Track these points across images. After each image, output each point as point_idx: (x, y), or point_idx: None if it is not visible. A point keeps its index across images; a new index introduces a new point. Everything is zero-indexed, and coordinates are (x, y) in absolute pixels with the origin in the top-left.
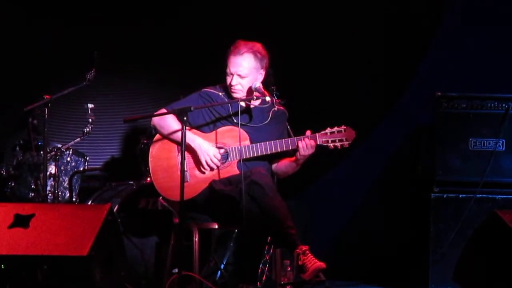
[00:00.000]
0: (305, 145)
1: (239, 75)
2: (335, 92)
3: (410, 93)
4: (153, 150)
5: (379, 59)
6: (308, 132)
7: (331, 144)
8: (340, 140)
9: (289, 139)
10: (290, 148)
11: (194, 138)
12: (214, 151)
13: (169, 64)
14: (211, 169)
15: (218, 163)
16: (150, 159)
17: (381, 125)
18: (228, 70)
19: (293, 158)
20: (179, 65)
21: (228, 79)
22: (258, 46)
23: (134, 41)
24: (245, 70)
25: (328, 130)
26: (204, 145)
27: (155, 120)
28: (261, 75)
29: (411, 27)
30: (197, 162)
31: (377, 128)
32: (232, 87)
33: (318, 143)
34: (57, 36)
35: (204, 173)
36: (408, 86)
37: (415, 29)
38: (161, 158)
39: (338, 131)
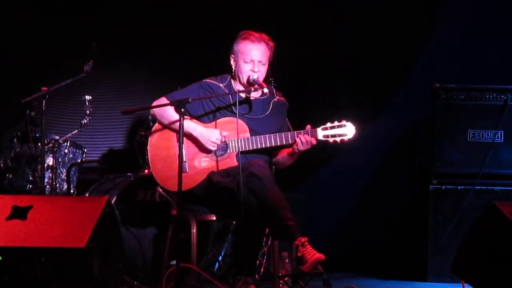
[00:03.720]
0: (304, 140)
1: (260, 62)
2: (334, 86)
3: (408, 85)
4: (152, 139)
5: (378, 52)
6: (308, 127)
7: (331, 139)
8: (340, 135)
9: (288, 133)
10: (290, 142)
11: (195, 127)
12: (216, 135)
13: (168, 55)
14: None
15: (219, 141)
16: (148, 148)
17: (379, 118)
18: (246, 57)
19: (290, 150)
20: (178, 56)
21: (247, 66)
22: (267, 37)
23: (132, 32)
24: (265, 58)
25: (329, 124)
26: (205, 133)
27: (155, 110)
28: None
29: (410, 19)
30: (196, 153)
31: (376, 121)
32: (253, 74)
33: (318, 138)
34: (55, 27)
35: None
36: (407, 78)
37: (414, 21)
38: (160, 148)
39: (338, 126)
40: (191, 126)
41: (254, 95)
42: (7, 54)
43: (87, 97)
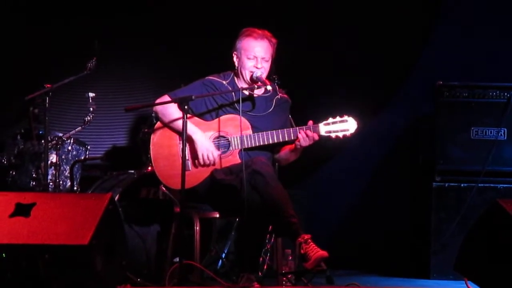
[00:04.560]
0: (305, 136)
1: (263, 58)
2: (336, 83)
3: (411, 82)
4: (155, 137)
5: (380, 48)
6: (310, 123)
7: (333, 134)
8: (342, 130)
9: (291, 129)
10: (292, 138)
11: (195, 131)
12: (213, 149)
13: (170, 52)
14: (206, 166)
15: (213, 162)
16: (151, 147)
17: (382, 115)
18: (249, 54)
19: (293, 147)
20: (180, 53)
21: (250, 63)
22: (269, 33)
23: (135, 29)
24: (268, 55)
25: (331, 120)
26: (205, 143)
27: (158, 108)
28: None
29: (412, 16)
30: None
31: (378, 118)
32: (257, 71)
33: (320, 133)
34: (58, 25)
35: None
36: (410, 76)
37: (416, 18)
38: (162, 146)
39: (340, 121)
40: (192, 129)
41: (257, 92)
42: (11, 52)
43: (91, 94)
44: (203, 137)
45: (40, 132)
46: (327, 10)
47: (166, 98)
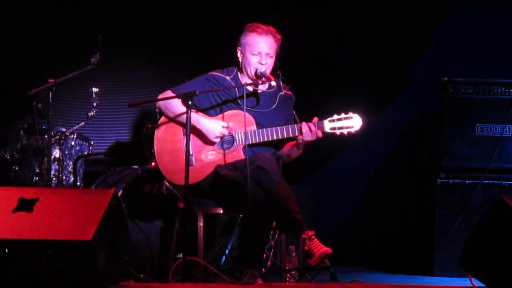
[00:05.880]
0: (308, 129)
1: (267, 54)
2: (341, 79)
3: (416, 78)
4: (158, 132)
5: (385, 45)
6: (315, 119)
7: (338, 131)
8: (347, 127)
9: (295, 125)
10: (296, 134)
11: (198, 119)
12: (220, 128)
13: (174, 47)
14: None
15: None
16: (155, 142)
17: (387, 111)
18: (253, 50)
19: (294, 142)
20: (184, 48)
21: (254, 58)
22: (274, 29)
23: (139, 24)
24: (273, 50)
25: (335, 116)
26: (210, 125)
27: (161, 103)
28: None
29: (417, 12)
30: (203, 146)
31: (383, 114)
32: (261, 67)
33: (325, 130)
34: (62, 19)
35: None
36: (414, 72)
37: (420, 14)
38: (166, 141)
39: (345, 118)
40: (194, 118)
41: (261, 88)
42: (14, 46)
43: (94, 89)
44: (208, 122)
45: (43, 127)
46: (331, 8)
47: (168, 93)
